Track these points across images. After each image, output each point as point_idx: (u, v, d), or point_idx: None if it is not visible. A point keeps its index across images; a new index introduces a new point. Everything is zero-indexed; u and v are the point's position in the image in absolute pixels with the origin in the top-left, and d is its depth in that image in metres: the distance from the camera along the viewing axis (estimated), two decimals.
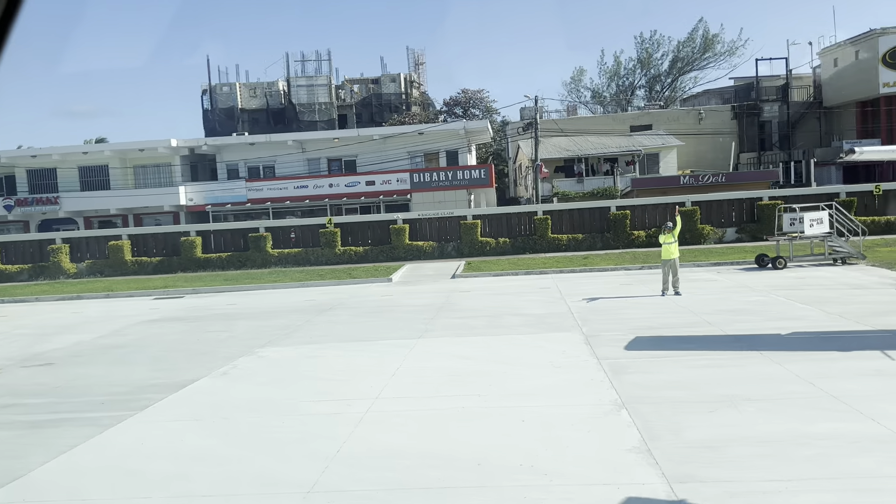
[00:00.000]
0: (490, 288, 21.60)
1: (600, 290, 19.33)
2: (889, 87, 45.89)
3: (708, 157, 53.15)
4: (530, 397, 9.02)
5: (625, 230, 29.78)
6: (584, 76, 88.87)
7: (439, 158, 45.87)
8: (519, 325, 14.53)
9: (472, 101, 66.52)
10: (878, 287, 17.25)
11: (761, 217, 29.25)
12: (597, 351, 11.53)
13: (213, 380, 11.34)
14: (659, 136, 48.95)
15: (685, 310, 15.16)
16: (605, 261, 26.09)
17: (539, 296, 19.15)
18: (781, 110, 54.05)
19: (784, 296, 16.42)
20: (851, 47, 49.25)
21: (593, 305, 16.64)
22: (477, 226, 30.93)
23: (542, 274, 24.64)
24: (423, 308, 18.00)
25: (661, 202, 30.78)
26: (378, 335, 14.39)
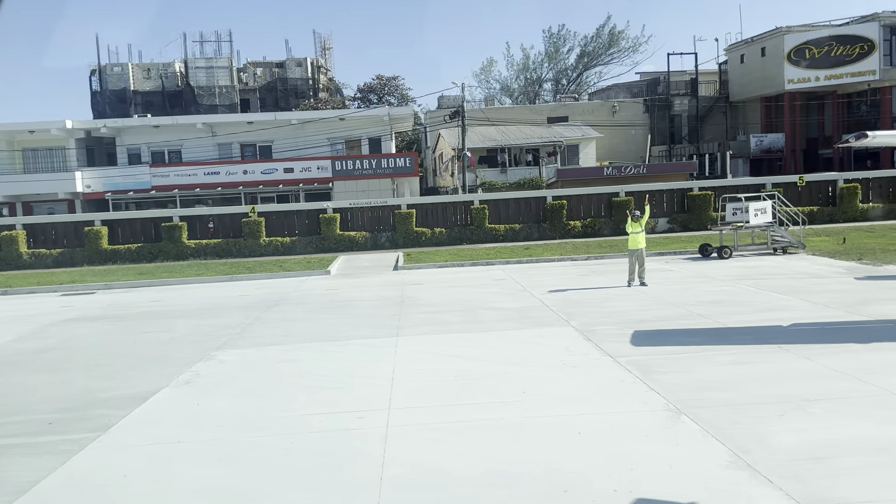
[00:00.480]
0: (442, 280, 20.58)
1: (560, 282, 18.71)
2: (793, 83, 48.04)
3: (621, 149, 54.12)
4: (567, 403, 8.10)
5: (561, 220, 29.47)
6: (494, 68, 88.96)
7: (361, 146, 44.33)
8: (499, 320, 13.61)
9: (387, 87, 65.06)
10: (835, 276, 17.44)
11: (692, 207, 29.66)
12: (603, 347, 10.77)
13: (176, 390, 9.79)
14: (578, 127, 49.32)
15: (666, 302, 14.69)
16: (548, 251, 25.61)
17: (499, 288, 18.31)
18: (691, 104, 55.74)
19: (752, 285, 16.30)
20: (758, 44, 51.26)
21: (565, 298, 15.94)
22: (412, 216, 29.80)
23: (488, 265, 23.85)
24: (380, 302, 16.78)
25: (595, 192, 30.68)
26: (348, 334, 13.11)
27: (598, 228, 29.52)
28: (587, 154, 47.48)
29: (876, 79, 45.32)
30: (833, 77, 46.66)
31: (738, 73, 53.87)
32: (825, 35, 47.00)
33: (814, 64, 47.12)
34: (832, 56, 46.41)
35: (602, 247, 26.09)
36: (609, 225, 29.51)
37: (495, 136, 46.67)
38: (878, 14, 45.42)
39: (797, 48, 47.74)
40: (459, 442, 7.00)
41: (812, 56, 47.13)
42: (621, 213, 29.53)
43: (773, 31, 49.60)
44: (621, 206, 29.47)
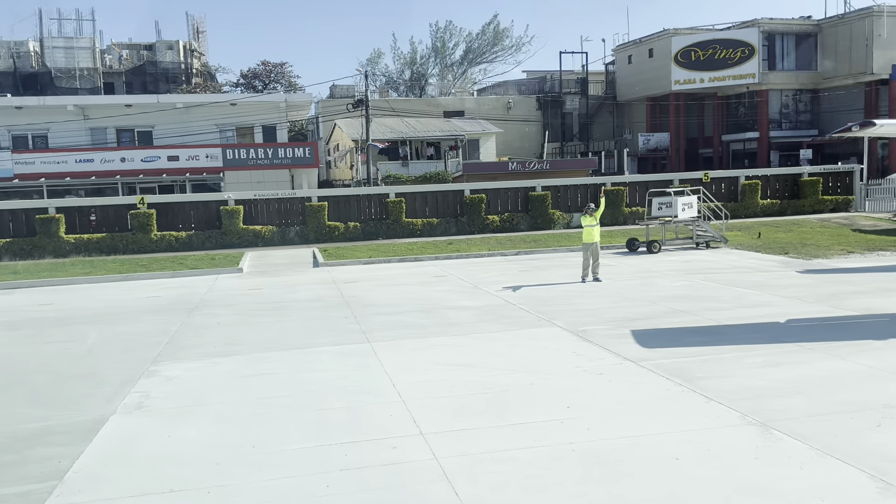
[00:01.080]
0: (377, 277, 19.10)
1: (507, 278, 17.77)
2: (680, 84, 49.89)
3: (516, 144, 54.31)
4: (628, 420, 7.08)
5: (480, 215, 28.63)
6: (381, 60, 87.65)
7: (254, 134, 41.61)
8: (474, 322, 12.43)
9: (273, 74, 61.93)
10: (776, 270, 17.59)
11: (606, 202, 29.71)
12: (613, 349, 9.86)
13: (130, 417, 7.91)
14: (477, 122, 48.88)
15: (635, 298, 14.06)
16: (474, 246, 24.68)
17: (446, 285, 17.12)
18: (581, 103, 56.81)
19: (706, 279, 16.05)
20: (646, 46, 52.90)
21: (526, 295, 14.99)
22: (324, 209, 27.90)
23: (417, 261, 22.56)
24: (322, 304, 15.14)
25: (513, 187, 30.09)
26: (308, 341, 11.48)
27: (516, 223, 28.95)
28: (487, 149, 47.13)
29: (755, 82, 47.87)
30: (717, 79, 48.86)
31: (626, 73, 55.42)
32: (710, 38, 49.13)
33: (699, 66, 49.15)
34: (716, 59, 48.59)
35: (526, 242, 25.48)
36: (526, 220, 29.02)
37: (400, 128, 45.30)
38: (758, 20, 48.00)
39: (683, 50, 49.62)
40: (548, 478, 5.78)
41: (697, 58, 49.14)
42: (538, 208, 29.10)
43: (661, 32, 51.32)
44: (538, 200, 29.05)
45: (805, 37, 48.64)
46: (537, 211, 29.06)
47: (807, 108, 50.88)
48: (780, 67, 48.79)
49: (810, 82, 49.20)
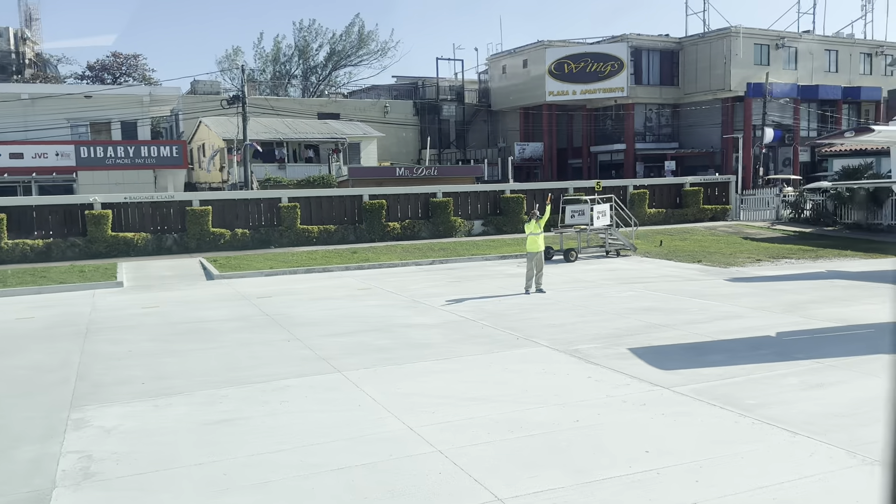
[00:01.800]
0: (291, 291, 17.12)
1: (439, 290, 16.48)
2: (554, 95, 50.84)
3: (393, 150, 53.10)
4: (736, 468, 6.04)
5: (380, 221, 27.05)
6: (241, 57, 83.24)
7: (111, 130, 37.44)
8: (443, 342, 11.04)
9: (125, 66, 56.66)
10: (703, 278, 17.55)
11: (505, 210, 29.18)
12: (629, 373, 8.86)
13: (79, 495, 5.85)
14: (357, 125, 47.13)
15: (600, 311, 13.25)
16: (382, 255, 23.11)
17: (378, 299, 15.54)
18: (458, 110, 56.60)
19: (653, 289, 15.62)
20: (520, 56, 53.53)
21: (478, 309, 13.76)
22: (208, 213, 25.15)
23: (327, 272, 20.69)
24: (249, 324, 13.11)
25: (413, 192, 28.75)
26: (262, 373, 9.59)
27: (418, 230, 27.68)
28: (369, 153, 45.53)
29: (624, 95, 49.70)
30: (588, 91, 50.27)
31: (501, 82, 55.84)
32: (582, 52, 50.48)
33: (572, 78, 50.35)
34: (588, 72, 49.99)
35: (435, 250, 24.28)
36: (428, 227, 27.82)
37: (278, 128, 42.63)
38: (627, 35, 49.93)
39: (557, 62, 50.65)
40: None
41: (570, 71, 50.32)
42: (440, 215, 28.00)
43: (535, 44, 52.12)
44: (440, 207, 27.95)
45: (668, 54, 51.22)
46: (439, 218, 27.95)
47: (668, 122, 53.62)
48: (645, 82, 51.02)
49: (672, 97, 51.85)
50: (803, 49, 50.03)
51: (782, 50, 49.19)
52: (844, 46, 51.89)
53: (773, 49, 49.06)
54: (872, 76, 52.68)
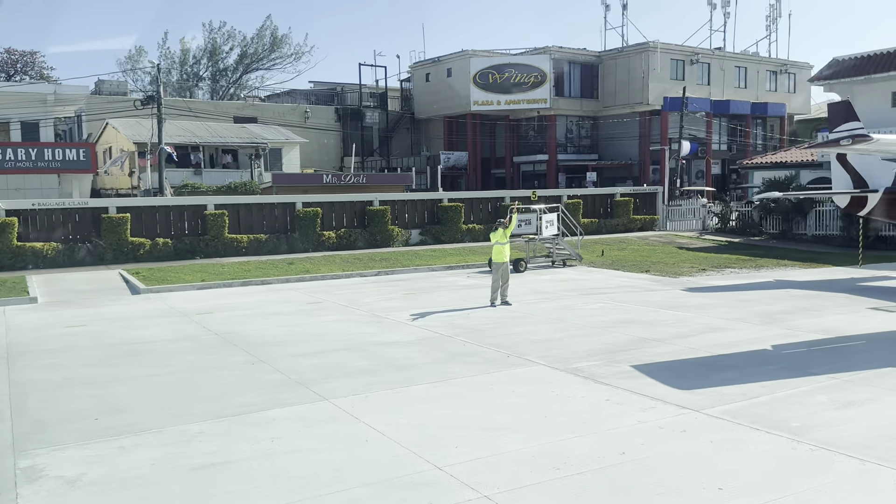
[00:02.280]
0: (233, 306, 15.71)
1: (397, 303, 15.51)
2: (478, 104, 50.64)
3: (314, 157, 51.55)
4: (814, 502, 5.45)
5: (315, 230, 25.69)
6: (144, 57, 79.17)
7: (10, 131, 34.31)
8: (428, 363, 10.12)
9: (20, 64, 52.52)
10: (660, 288, 17.34)
11: (443, 219, 28.41)
12: (648, 394, 8.24)
13: None
14: (278, 130, 45.35)
15: (580, 325, 12.64)
16: (322, 266, 21.84)
17: (334, 314, 14.41)
18: (381, 117, 55.57)
19: (617, 300, 15.20)
20: (444, 65, 53.12)
21: (449, 324, 12.89)
22: (126, 221, 23.11)
23: (266, 285, 19.28)
24: (199, 344, 11.76)
25: (349, 200, 27.52)
26: (234, 402, 8.41)
27: (354, 240, 26.48)
28: (291, 159, 43.84)
29: (547, 107, 50.08)
30: (512, 102, 50.37)
31: (424, 90, 55.22)
32: (506, 62, 50.56)
33: (496, 88, 50.32)
34: (512, 83, 50.09)
35: (376, 260, 23.21)
36: (364, 236, 26.66)
37: (196, 131, 40.34)
38: (549, 48, 50.39)
39: (482, 72, 50.51)
40: None
41: (495, 81, 50.29)
42: (378, 224, 26.92)
43: (460, 53, 51.84)
44: (377, 215, 26.87)
45: (589, 67, 52.04)
46: (376, 227, 26.88)
47: (588, 134, 54.46)
48: (567, 94, 51.61)
49: (592, 110, 52.70)
50: (715, 65, 51.93)
51: (696, 66, 50.89)
52: (752, 64, 54.24)
53: (687, 65, 50.67)
54: (777, 93, 55.33)
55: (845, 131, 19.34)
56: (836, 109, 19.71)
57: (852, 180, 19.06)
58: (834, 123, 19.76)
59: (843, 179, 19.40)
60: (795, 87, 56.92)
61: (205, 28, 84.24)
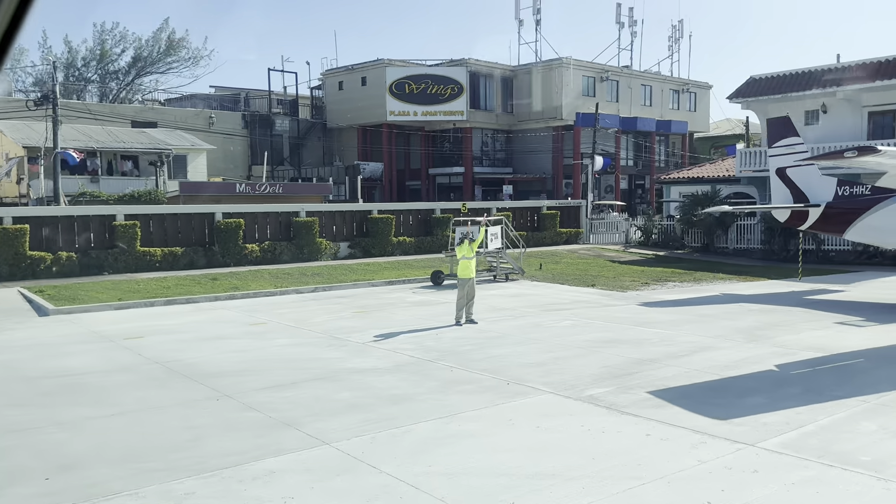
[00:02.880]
0: (165, 329, 13.96)
1: (348, 323, 14.26)
2: (395, 115, 49.65)
3: (219, 165, 48.88)
4: None
5: (237, 243, 23.82)
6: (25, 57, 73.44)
7: None
8: (421, 393, 9.02)
9: None
10: (615, 303, 16.91)
11: (372, 231, 27.14)
12: (688, 426, 7.50)
13: None
14: (181, 135, 42.61)
15: (564, 345, 11.85)
16: (252, 282, 20.15)
17: (285, 337, 13.00)
18: (292, 125, 53.55)
19: (585, 317, 14.57)
20: (359, 73, 51.85)
21: (421, 346, 11.80)
22: (24, 233, 20.49)
23: (192, 303, 17.45)
24: (143, 377, 10.14)
25: (273, 211, 25.79)
26: (220, 450, 7.02)
27: (279, 253, 24.79)
28: (197, 167, 41.26)
29: (463, 119, 49.72)
30: (429, 113, 49.69)
31: (337, 98, 53.67)
32: (423, 73, 49.87)
33: (413, 99, 49.50)
34: (429, 93, 49.43)
35: (307, 275, 21.71)
36: (290, 249, 25.02)
37: (96, 135, 37.16)
38: (466, 60, 50.11)
39: (398, 82, 49.58)
40: None
41: (411, 91, 49.46)
42: (305, 236, 25.36)
43: (375, 62, 50.74)
44: (304, 227, 25.30)
45: (504, 81, 52.17)
46: (303, 239, 25.31)
47: (503, 148, 54.56)
48: (483, 107, 51.50)
49: (507, 123, 52.83)
50: (623, 83, 53.26)
51: (606, 83, 51.99)
52: (657, 83, 56.06)
53: (598, 81, 51.68)
54: (680, 111, 57.43)
55: (784, 146, 19.73)
56: (775, 124, 20.08)
57: (792, 195, 19.40)
58: (773, 138, 20.13)
59: (782, 194, 19.72)
60: (696, 106, 59.34)
61: (95, 28, 79.11)
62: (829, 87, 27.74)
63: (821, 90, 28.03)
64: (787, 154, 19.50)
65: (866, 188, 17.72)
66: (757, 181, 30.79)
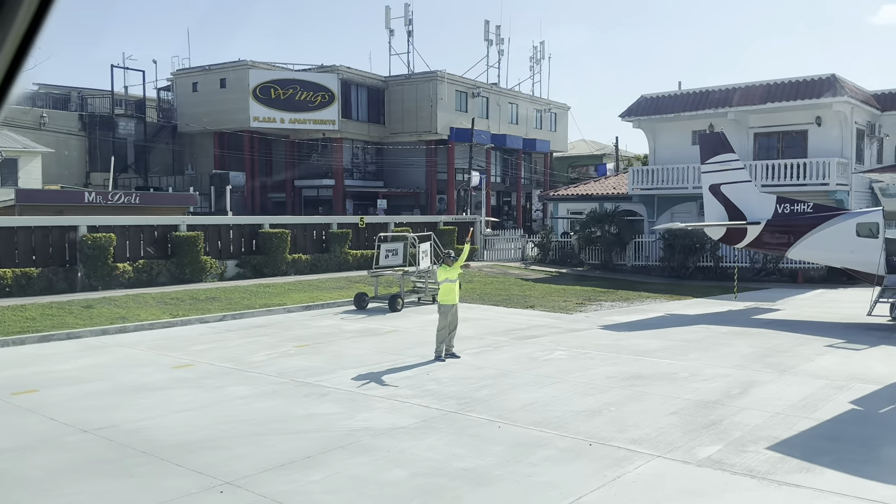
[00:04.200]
0: (56, 378, 10.55)
1: (304, 363, 11.63)
2: (259, 121, 45.95)
3: (52, 170, 42.65)
4: None
5: (106, 262, 19.79)
6: None
7: None
8: (494, 465, 6.85)
9: None
10: (576, 327, 15.48)
11: (264, 247, 23.94)
12: (877, 496, 5.98)
13: None
14: (13, 136, 36.50)
15: (590, 384, 10.06)
16: (136, 309, 16.55)
17: (241, 384, 10.18)
18: (138, 128, 48.08)
19: (570, 344, 12.93)
20: (216, 74, 47.60)
21: (423, 389, 9.53)
22: None
23: (73, 339, 13.79)
24: (73, 455, 7.12)
25: (147, 224, 21.86)
26: None
27: (156, 273, 21.00)
28: (30, 172, 35.44)
29: (335, 128, 46.98)
30: (298, 121, 46.45)
31: (191, 101, 48.86)
32: (291, 78, 46.62)
33: (280, 105, 46.07)
34: (297, 100, 46.22)
35: (201, 300, 18.37)
36: (169, 269, 21.30)
37: None
38: (337, 67, 47.47)
39: (263, 86, 45.97)
40: None
41: (278, 97, 46.01)
42: (188, 254, 21.76)
43: (237, 63, 46.80)
44: (186, 243, 21.69)
45: (376, 91, 50.15)
46: (186, 257, 21.72)
47: (374, 160, 52.45)
48: (355, 117, 49.13)
49: (379, 135, 50.80)
50: (493, 100, 53.15)
51: (478, 99, 51.56)
52: (523, 102, 56.57)
53: (470, 97, 51.13)
54: (542, 130, 58.37)
55: (718, 162, 19.40)
56: (708, 140, 19.76)
57: (727, 212, 19.08)
58: (706, 154, 19.77)
59: (715, 210, 19.37)
60: (556, 126, 60.65)
61: None
62: (722, 108, 28.46)
63: (714, 110, 28.69)
64: (722, 171, 19.18)
65: (808, 206, 17.66)
66: (647, 199, 31.10)
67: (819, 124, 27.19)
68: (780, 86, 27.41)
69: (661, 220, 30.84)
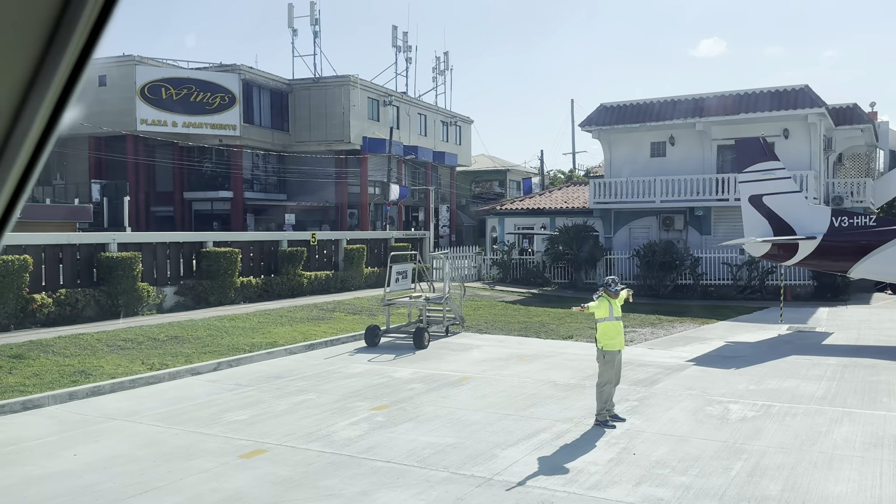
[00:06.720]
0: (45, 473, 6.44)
1: (414, 440, 8.15)
2: (148, 124, 40.17)
3: None
4: None
5: (20, 293, 14.61)
6: None
7: None
8: None
9: None
10: (676, 364, 12.89)
11: (210, 270, 19.37)
12: None
13: None
14: None
15: (827, 458, 7.37)
16: (91, 359, 11.98)
17: (398, 490, 6.58)
18: None
19: (703, 387, 10.22)
20: (94, 70, 41.20)
21: (669, 482, 6.45)
22: None
23: (31, 410, 9.34)
24: None
25: (69, 243, 16.84)
26: None
27: (82, 306, 16.06)
28: None
29: (237, 134, 41.98)
30: (193, 125, 41.04)
31: None
32: (186, 76, 41.23)
33: (172, 107, 40.50)
34: (193, 101, 40.85)
35: (160, 340, 13.88)
36: (97, 299, 16.46)
37: None
38: (239, 66, 42.57)
39: (153, 84, 40.29)
40: None
41: (170, 97, 40.46)
42: (121, 281, 16.92)
43: (121, 58, 40.75)
44: (119, 268, 16.79)
45: (280, 95, 45.75)
46: (120, 285, 16.92)
47: (276, 170, 47.78)
48: (257, 123, 44.42)
49: (283, 143, 46.30)
50: (403, 110, 50.30)
51: (390, 108, 48.49)
52: (431, 113, 54.13)
53: (382, 105, 47.98)
54: (449, 143, 56.20)
55: (759, 171, 17.61)
56: (747, 147, 17.91)
57: (771, 225, 17.25)
58: (745, 162, 17.92)
59: (758, 224, 17.49)
60: (461, 140, 58.70)
61: None
62: (691, 118, 27.24)
63: (682, 120, 27.42)
64: (764, 180, 17.37)
65: (871, 219, 16.15)
66: (604, 213, 29.34)
67: (787, 137, 26.53)
68: (752, 96, 26.54)
69: (619, 236, 29.27)
